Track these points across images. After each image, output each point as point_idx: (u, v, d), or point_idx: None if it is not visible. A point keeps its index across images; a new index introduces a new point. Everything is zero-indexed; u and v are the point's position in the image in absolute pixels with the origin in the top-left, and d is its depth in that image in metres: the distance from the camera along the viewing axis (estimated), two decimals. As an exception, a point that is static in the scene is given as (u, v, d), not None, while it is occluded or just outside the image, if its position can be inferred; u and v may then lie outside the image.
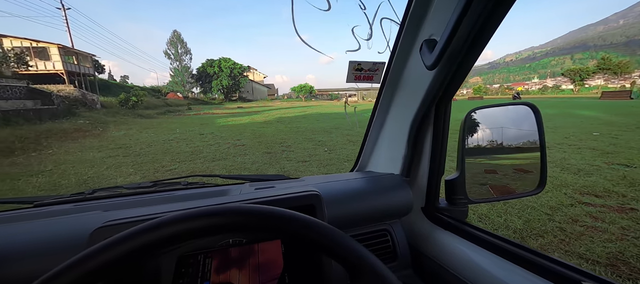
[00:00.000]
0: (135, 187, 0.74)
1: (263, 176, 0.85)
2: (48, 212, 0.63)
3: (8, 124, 9.06)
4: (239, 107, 27.13)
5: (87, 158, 6.76)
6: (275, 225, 0.30)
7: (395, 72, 0.68)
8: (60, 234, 0.48)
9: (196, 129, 11.29)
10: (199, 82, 37.30)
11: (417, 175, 0.73)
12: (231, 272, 0.51)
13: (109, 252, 0.27)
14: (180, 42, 37.72)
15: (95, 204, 0.67)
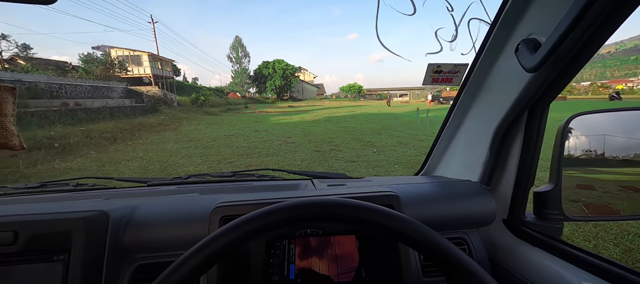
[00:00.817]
0: (219, 175, 0.86)
1: (325, 173, 0.89)
2: (160, 191, 0.78)
3: (113, 117, 11.23)
4: (290, 107, 28.40)
5: (167, 148, 7.94)
6: (381, 222, 0.33)
7: (479, 74, 0.64)
8: (187, 209, 0.59)
9: (252, 126, 12.23)
10: (255, 83, 40.38)
11: (499, 184, 0.68)
12: (312, 259, 0.56)
13: (249, 225, 0.32)
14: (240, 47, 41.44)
15: (192, 187, 0.80)
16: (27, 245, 0.48)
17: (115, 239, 0.52)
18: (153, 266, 0.55)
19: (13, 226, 0.48)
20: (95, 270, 0.49)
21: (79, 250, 0.48)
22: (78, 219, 0.49)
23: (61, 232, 0.48)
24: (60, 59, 20.67)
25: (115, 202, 0.61)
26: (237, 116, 18.45)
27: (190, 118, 15.45)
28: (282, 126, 12.22)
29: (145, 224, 0.56)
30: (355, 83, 47.35)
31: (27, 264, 0.48)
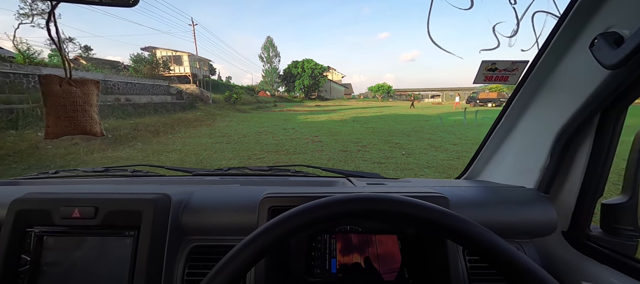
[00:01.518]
0: (257, 169, 0.89)
1: (359, 172, 0.89)
2: (204, 180, 0.83)
3: (156, 112, 12.24)
4: (317, 106, 28.61)
5: (202, 142, 8.44)
6: (445, 224, 0.32)
7: (541, 72, 0.59)
8: (237, 198, 0.63)
9: (280, 124, 12.53)
10: (284, 82, 41.35)
11: (560, 192, 0.62)
12: (353, 255, 0.56)
13: (315, 213, 0.33)
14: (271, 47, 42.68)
15: (232, 179, 0.85)
16: (105, 220, 0.54)
17: (175, 220, 0.57)
18: (206, 248, 0.59)
19: (94, 203, 0.55)
20: (159, 247, 0.54)
21: (147, 227, 0.53)
22: (147, 200, 0.54)
23: (133, 210, 0.54)
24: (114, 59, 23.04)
25: (172, 187, 0.67)
26: (267, 113, 19.04)
27: (223, 115, 16.29)
28: (309, 124, 12.36)
29: (200, 209, 0.60)
30: (384, 83, 46.17)
31: (104, 236, 0.55)
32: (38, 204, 0.55)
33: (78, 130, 0.62)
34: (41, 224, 0.55)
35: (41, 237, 0.55)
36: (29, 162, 5.18)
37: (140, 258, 0.52)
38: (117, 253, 0.54)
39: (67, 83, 0.60)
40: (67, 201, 0.55)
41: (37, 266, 0.54)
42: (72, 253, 0.54)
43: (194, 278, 0.56)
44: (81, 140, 6.87)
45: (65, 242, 0.55)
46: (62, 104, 0.59)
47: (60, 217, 0.54)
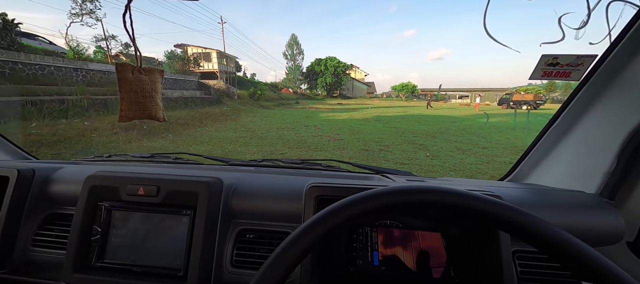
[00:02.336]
0: (289, 162, 0.91)
1: (390, 169, 0.86)
2: (241, 169, 0.86)
3: (186, 106, 12.90)
4: (339, 104, 28.49)
5: (228, 136, 8.76)
6: (511, 218, 0.30)
7: (613, 68, 0.53)
8: (282, 186, 0.65)
9: (302, 121, 12.65)
10: (307, 79, 41.64)
11: (627, 200, 0.56)
12: (396, 249, 0.56)
13: (376, 200, 0.32)
14: (296, 44, 43.15)
15: (266, 169, 0.87)
16: (165, 198, 0.59)
17: (226, 203, 0.61)
18: (252, 231, 0.62)
19: (156, 182, 0.60)
20: (213, 226, 0.58)
21: (202, 207, 0.57)
22: (203, 182, 0.58)
23: (190, 191, 0.58)
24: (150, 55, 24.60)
25: (218, 173, 0.70)
26: (289, 110, 19.31)
27: (247, 110, 16.77)
28: (330, 122, 12.35)
29: (248, 194, 0.63)
30: (408, 82, 44.68)
31: (164, 213, 0.60)
32: (108, 180, 0.61)
33: (145, 114, 0.68)
34: (110, 199, 0.61)
35: (110, 210, 0.61)
36: (77, 148, 5.70)
37: (196, 235, 0.56)
38: (174, 228, 0.59)
39: (138, 71, 0.66)
40: (134, 179, 0.60)
41: (106, 236, 0.60)
42: (136, 226, 0.60)
43: (241, 258, 0.59)
44: (120, 130, 7.44)
45: (130, 216, 0.61)
46: (134, 90, 0.65)
47: (126, 193, 0.60)
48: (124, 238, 0.60)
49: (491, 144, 6.84)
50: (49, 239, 0.66)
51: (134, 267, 0.58)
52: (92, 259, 0.59)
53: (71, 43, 12.25)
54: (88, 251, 0.59)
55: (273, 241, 0.61)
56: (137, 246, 0.59)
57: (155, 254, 0.58)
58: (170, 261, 0.58)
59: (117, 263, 0.59)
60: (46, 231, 0.67)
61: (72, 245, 0.58)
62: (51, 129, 6.54)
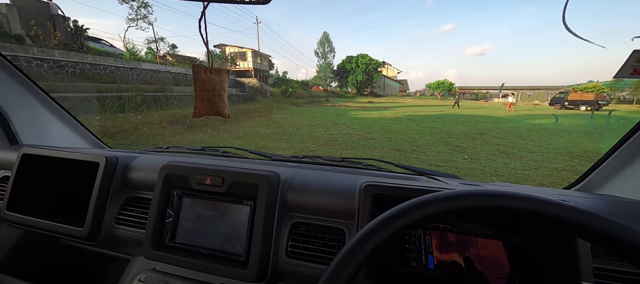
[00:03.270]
0: (330, 159, 0.92)
1: (434, 171, 0.84)
2: (283, 165, 0.88)
3: (223, 103, 13.72)
4: (369, 102, 27.94)
5: (260, 132, 9.11)
6: (587, 223, 0.28)
7: None
8: (335, 183, 0.67)
9: (332, 118, 12.66)
10: (338, 77, 41.51)
11: None
12: (452, 254, 0.55)
13: (449, 202, 0.32)
14: (327, 42, 43.21)
15: (307, 166, 0.88)
16: (229, 189, 0.65)
17: (282, 196, 0.65)
18: (305, 225, 0.65)
19: (222, 174, 0.66)
20: (271, 217, 0.62)
21: (262, 199, 0.61)
22: (263, 176, 0.63)
23: (251, 184, 0.63)
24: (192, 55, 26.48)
25: (273, 168, 0.74)
26: (319, 108, 19.44)
27: (279, 107, 17.25)
28: (361, 120, 12.18)
29: (301, 189, 0.66)
30: (445, 80, 42.05)
31: (227, 202, 0.66)
32: (180, 170, 0.69)
33: (214, 111, 0.75)
34: (180, 187, 0.69)
35: (180, 197, 0.69)
36: (131, 139, 6.40)
37: (257, 225, 0.60)
38: (236, 217, 0.64)
39: (209, 72, 0.73)
40: (202, 170, 0.67)
41: (177, 219, 0.68)
42: (202, 212, 0.67)
43: (295, 250, 0.63)
44: (167, 124, 8.16)
45: (198, 203, 0.68)
46: (206, 89, 0.72)
47: (195, 182, 0.67)
48: (192, 222, 0.67)
49: (541, 148, 6.20)
50: (128, 219, 0.76)
51: (201, 249, 0.65)
52: (166, 238, 0.67)
53: (128, 45, 13.76)
54: (162, 231, 0.67)
55: (326, 236, 0.63)
56: (203, 230, 0.66)
57: (219, 239, 0.64)
58: (232, 247, 0.63)
59: (186, 244, 0.66)
60: (126, 211, 0.77)
61: (150, 226, 0.66)
62: (112, 122, 7.42)
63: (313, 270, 0.60)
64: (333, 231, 0.63)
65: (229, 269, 0.61)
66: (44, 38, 9.01)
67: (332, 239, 0.62)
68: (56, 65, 8.61)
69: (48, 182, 0.82)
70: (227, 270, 0.61)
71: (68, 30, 10.17)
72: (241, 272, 0.59)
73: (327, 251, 0.61)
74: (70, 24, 10.37)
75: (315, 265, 0.60)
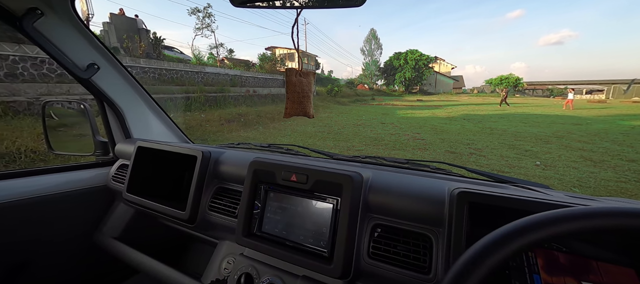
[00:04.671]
0: (392, 161, 0.89)
1: (513, 178, 0.75)
2: (349, 165, 0.86)
3: (273, 102, 14.49)
4: (419, 100, 26.37)
5: (307, 130, 9.37)
6: None
7: None
8: (418, 187, 0.64)
9: (378, 118, 12.33)
10: (384, 75, 40.13)
11: None
12: (566, 279, 0.47)
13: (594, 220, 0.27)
14: (374, 39, 42.10)
15: (371, 167, 0.84)
16: (313, 186, 0.68)
17: (364, 196, 0.65)
18: (386, 228, 0.64)
19: (307, 172, 0.69)
20: (355, 217, 0.63)
21: (347, 198, 0.63)
22: (347, 175, 0.64)
23: (335, 182, 0.65)
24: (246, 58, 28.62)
25: (350, 167, 0.74)
26: (364, 107, 19.12)
27: (324, 106, 17.51)
28: (409, 120, 11.60)
29: (382, 190, 0.65)
30: (510, 74, 36.83)
31: (311, 199, 0.69)
32: (266, 166, 0.74)
33: (302, 111, 0.79)
34: (266, 182, 0.75)
35: (267, 191, 0.75)
36: (197, 135, 7.24)
37: (342, 223, 0.62)
38: (319, 214, 0.67)
39: (299, 74, 0.78)
40: (287, 167, 0.71)
41: (264, 211, 0.74)
42: (287, 207, 0.72)
43: (377, 251, 0.62)
44: (225, 122, 9.01)
45: (283, 198, 0.73)
46: (297, 91, 0.77)
47: (281, 178, 0.71)
48: (277, 214, 0.72)
49: (644, 155, 5.03)
50: (219, 207, 0.85)
51: (285, 240, 0.69)
52: (255, 228, 0.73)
53: (194, 52, 15.62)
54: (251, 221, 0.74)
55: (409, 240, 0.61)
56: (287, 223, 0.70)
57: (303, 233, 0.68)
58: (315, 242, 0.66)
59: (272, 234, 0.71)
60: (216, 200, 0.87)
61: (241, 215, 0.73)
62: (181, 119, 8.51)
63: (395, 274, 0.59)
64: (417, 236, 0.61)
65: (314, 262, 0.63)
66: (132, 49, 10.79)
67: (416, 245, 0.60)
68: (141, 71, 10.23)
69: (153, 170, 0.99)
70: (312, 264, 0.63)
71: (150, 41, 12.00)
72: (326, 267, 0.61)
73: (412, 257, 0.59)
74: (151, 36, 12.21)
75: (397, 269, 0.59)
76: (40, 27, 0.82)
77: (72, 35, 0.91)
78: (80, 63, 0.94)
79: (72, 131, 1.21)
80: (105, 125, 1.12)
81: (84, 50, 0.95)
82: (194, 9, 18.84)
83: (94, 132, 1.11)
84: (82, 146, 1.14)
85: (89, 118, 1.10)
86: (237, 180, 0.86)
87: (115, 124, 1.13)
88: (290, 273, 0.68)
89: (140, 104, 1.17)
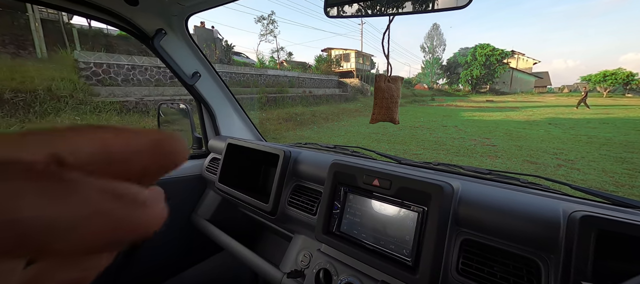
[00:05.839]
0: (472, 170, 0.82)
1: (633, 200, 0.61)
2: (418, 171, 0.81)
3: (327, 103, 14.77)
4: (489, 101, 23.36)
5: (360, 131, 9.27)
6: None
7: None
8: (515, 203, 0.58)
9: (438, 120, 11.40)
10: (447, 73, 36.77)
11: None
12: None
13: None
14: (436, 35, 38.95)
15: (446, 175, 0.79)
16: (397, 193, 0.67)
17: (454, 208, 0.61)
18: (479, 245, 0.59)
19: (390, 177, 0.69)
20: (444, 229, 0.60)
21: (435, 208, 0.60)
22: (437, 185, 0.61)
23: (423, 191, 0.63)
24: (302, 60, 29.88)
25: (426, 174, 0.72)
26: (422, 108, 17.89)
27: (379, 107, 16.96)
28: (476, 123, 10.40)
29: (475, 203, 0.60)
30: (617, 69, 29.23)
31: (394, 205, 0.68)
32: (347, 169, 0.76)
33: (389, 117, 0.79)
34: (346, 184, 0.77)
35: (346, 192, 0.77)
36: (259, 133, 7.90)
37: (429, 234, 0.60)
38: (403, 221, 0.65)
39: (387, 81, 0.78)
40: (369, 171, 0.72)
41: (343, 212, 0.76)
42: (367, 210, 0.72)
43: (467, 268, 0.58)
44: (282, 121, 9.59)
45: (363, 200, 0.74)
46: (385, 97, 0.78)
47: (363, 182, 0.72)
48: (357, 217, 0.73)
49: None
50: (296, 202, 0.92)
51: (365, 243, 0.70)
52: (334, 226, 0.76)
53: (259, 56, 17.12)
54: (330, 219, 0.76)
55: (509, 263, 0.55)
56: (366, 226, 0.71)
57: (383, 238, 0.67)
58: (397, 249, 0.65)
59: (350, 235, 0.73)
60: (295, 196, 0.93)
61: (321, 213, 0.77)
62: (246, 117, 9.41)
63: None
64: (519, 259, 0.54)
65: (396, 270, 0.62)
66: (209, 56, 12.47)
67: (518, 268, 0.54)
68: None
69: (238, 163, 1.14)
70: (395, 270, 0.62)
71: (222, 48, 13.63)
72: (410, 276, 0.59)
73: (512, 281, 0.53)
74: (224, 44, 13.84)
75: None
76: (163, 44, 1.03)
77: (183, 49, 1.11)
78: (188, 72, 1.14)
79: (175, 127, 1.47)
80: (201, 123, 1.33)
81: (191, 61, 1.15)
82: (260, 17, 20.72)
83: (192, 129, 1.33)
84: (182, 140, 1.39)
85: (190, 117, 1.32)
86: (314, 179, 0.91)
87: (208, 122, 1.33)
88: (368, 275, 0.68)
89: (227, 105, 1.35)
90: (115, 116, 6.55)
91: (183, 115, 1.41)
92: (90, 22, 10.20)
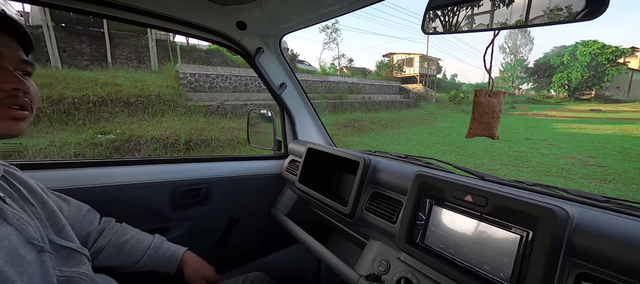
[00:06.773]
0: (581, 195, 0.69)
1: None
2: (509, 190, 0.72)
3: (387, 109, 14.34)
4: (594, 110, 18.96)
5: (423, 140, 8.71)
6: None
7: None
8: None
9: (521, 132, 9.82)
10: (534, 77, 31.21)
11: None
12: None
13: None
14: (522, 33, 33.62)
15: (542, 196, 0.70)
16: (494, 211, 0.62)
17: (569, 236, 0.55)
18: (601, 281, 0.51)
19: (485, 195, 0.64)
20: (555, 260, 0.54)
21: (545, 234, 0.54)
22: (548, 208, 0.55)
23: (528, 213, 0.57)
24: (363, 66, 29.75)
25: (519, 193, 0.66)
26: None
27: (445, 115, 15.67)
28: (576, 137, 8.58)
29: (598, 235, 0.53)
30: None
31: (491, 224, 0.63)
32: (435, 182, 0.75)
33: (487, 132, 0.77)
34: (431, 196, 0.76)
35: (431, 204, 0.75)
36: (318, 137, 8.21)
37: (536, 262, 0.54)
38: (500, 243, 0.61)
39: (488, 95, 0.75)
40: (459, 186, 0.70)
41: (427, 224, 0.75)
42: (456, 225, 0.69)
43: None
44: (341, 127, 9.72)
45: (451, 216, 0.71)
46: (485, 112, 0.75)
47: (453, 196, 0.69)
48: (443, 231, 0.71)
49: None
50: (374, 209, 0.94)
51: (454, 259, 0.66)
52: (417, 237, 0.75)
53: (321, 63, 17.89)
54: (414, 230, 0.76)
55: None
56: (454, 242, 0.68)
57: (475, 257, 0.63)
58: (492, 271, 0.60)
59: (436, 249, 0.70)
60: (373, 203, 0.96)
61: (404, 222, 0.77)
62: (307, 122, 9.88)
63: None
64: None
65: None
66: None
67: None
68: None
69: (315, 167, 1.25)
70: None
71: (288, 57, 14.73)
72: None
73: None
74: (289, 53, 14.93)
75: None
76: (260, 60, 1.21)
77: (275, 63, 1.28)
78: (277, 83, 1.31)
79: (259, 130, 1.69)
80: (282, 128, 1.51)
81: (279, 73, 1.31)
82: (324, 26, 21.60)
83: (274, 133, 1.51)
84: (265, 143, 1.58)
85: (273, 122, 1.51)
86: (393, 188, 0.93)
87: (288, 127, 1.49)
88: None
89: (305, 112, 1.49)
90: (201, 117, 7.77)
91: (266, 120, 1.61)
92: (188, 39, 12.40)
